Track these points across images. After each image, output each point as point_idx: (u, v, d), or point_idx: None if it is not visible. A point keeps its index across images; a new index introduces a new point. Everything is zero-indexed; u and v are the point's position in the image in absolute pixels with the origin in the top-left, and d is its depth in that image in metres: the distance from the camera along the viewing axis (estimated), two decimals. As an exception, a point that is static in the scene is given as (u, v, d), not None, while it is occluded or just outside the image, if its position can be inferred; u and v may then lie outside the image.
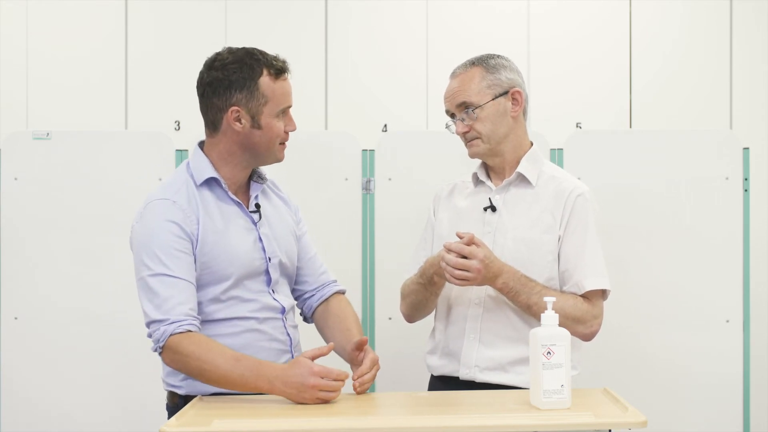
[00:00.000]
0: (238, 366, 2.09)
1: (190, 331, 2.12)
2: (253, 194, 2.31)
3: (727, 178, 3.14)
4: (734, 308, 3.14)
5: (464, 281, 2.26)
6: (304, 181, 3.19)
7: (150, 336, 2.16)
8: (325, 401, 2.05)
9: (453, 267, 2.24)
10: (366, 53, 4.41)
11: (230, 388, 2.12)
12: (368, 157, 3.21)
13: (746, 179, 3.15)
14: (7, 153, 3.17)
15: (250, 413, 1.99)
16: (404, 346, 3.06)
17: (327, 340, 2.37)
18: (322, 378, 2.04)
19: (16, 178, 3.16)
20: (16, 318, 3.15)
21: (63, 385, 3.15)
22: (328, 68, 4.40)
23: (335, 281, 2.48)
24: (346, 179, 3.21)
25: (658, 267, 3.16)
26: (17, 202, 3.16)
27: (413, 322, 2.55)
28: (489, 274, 2.26)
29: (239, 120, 2.22)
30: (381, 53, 4.40)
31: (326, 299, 2.44)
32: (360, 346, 2.24)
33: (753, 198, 3.18)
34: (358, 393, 2.17)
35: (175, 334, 2.11)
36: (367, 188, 3.21)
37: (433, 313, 2.51)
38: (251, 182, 2.33)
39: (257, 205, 2.30)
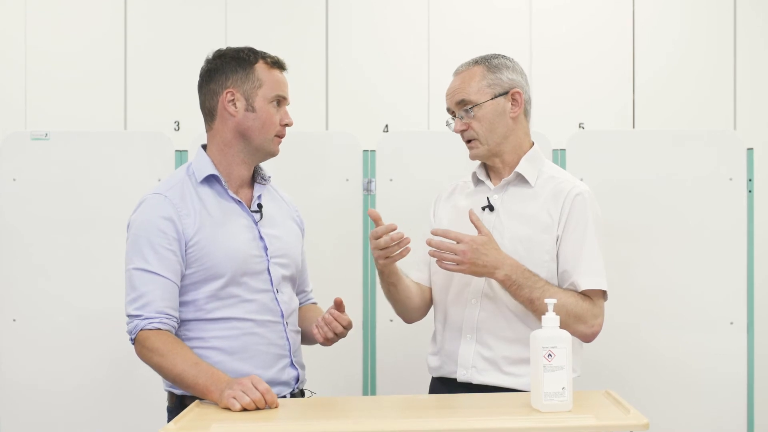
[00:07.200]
0: (193, 369, 2.10)
1: (159, 329, 2.15)
2: (256, 194, 2.33)
3: (730, 179, 3.13)
4: (738, 310, 3.12)
5: (453, 264, 2.23)
6: (305, 181, 3.17)
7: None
8: (238, 401, 1.99)
9: (437, 248, 2.22)
10: (367, 53, 4.40)
11: (183, 388, 2.15)
12: (369, 157, 3.20)
13: (750, 180, 3.13)
14: (6, 154, 3.16)
15: (248, 417, 1.97)
16: (405, 349, 3.05)
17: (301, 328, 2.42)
18: (253, 385, 2.01)
19: (14, 179, 3.15)
20: (14, 320, 3.14)
21: (63, 385, 3.14)
22: (329, 68, 4.38)
23: (312, 298, 2.53)
24: (347, 180, 3.19)
25: (662, 268, 3.14)
26: (16, 202, 3.15)
27: (409, 322, 2.52)
28: (482, 261, 2.23)
29: (234, 103, 2.25)
30: (382, 53, 4.39)
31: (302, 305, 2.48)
32: (339, 306, 2.25)
33: (757, 199, 3.17)
34: (335, 334, 2.24)
35: (145, 329, 2.15)
36: (368, 189, 3.19)
37: (434, 315, 2.50)
38: (255, 183, 2.34)
39: (259, 205, 2.31)
